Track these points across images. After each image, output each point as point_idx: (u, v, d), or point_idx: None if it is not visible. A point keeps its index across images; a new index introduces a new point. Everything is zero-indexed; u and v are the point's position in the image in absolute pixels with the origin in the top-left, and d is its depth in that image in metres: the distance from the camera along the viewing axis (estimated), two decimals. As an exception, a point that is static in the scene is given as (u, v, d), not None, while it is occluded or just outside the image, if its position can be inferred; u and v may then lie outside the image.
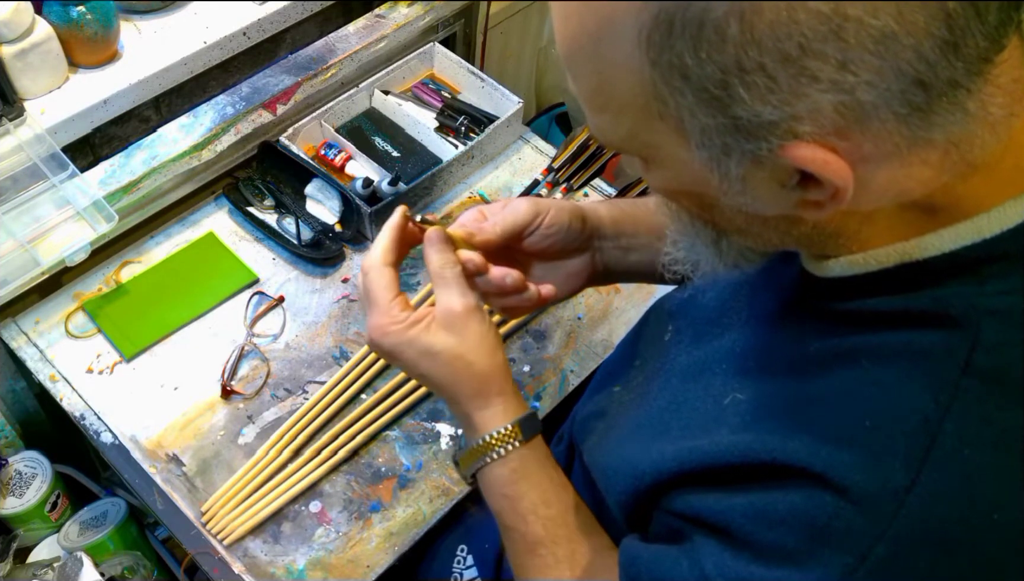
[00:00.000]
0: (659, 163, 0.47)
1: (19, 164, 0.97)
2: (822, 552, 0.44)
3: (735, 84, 0.39)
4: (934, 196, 0.44)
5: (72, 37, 1.01)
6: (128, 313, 1.02)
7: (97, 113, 1.03)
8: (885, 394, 0.45)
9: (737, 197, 0.45)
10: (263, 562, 0.87)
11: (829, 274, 0.50)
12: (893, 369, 0.45)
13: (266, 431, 0.94)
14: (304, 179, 1.13)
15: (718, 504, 0.50)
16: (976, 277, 0.44)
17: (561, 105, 1.77)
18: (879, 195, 0.43)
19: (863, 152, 0.40)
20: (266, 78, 1.14)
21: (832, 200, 0.42)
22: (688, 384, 0.60)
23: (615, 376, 0.76)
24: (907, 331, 0.45)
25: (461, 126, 1.21)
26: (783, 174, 0.42)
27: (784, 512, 0.46)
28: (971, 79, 0.39)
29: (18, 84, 0.99)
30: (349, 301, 1.06)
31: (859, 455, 0.44)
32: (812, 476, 0.45)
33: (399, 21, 1.22)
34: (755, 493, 0.48)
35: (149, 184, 1.03)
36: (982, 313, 0.43)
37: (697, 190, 0.47)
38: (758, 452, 0.48)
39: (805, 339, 0.51)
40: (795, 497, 0.46)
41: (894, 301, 0.46)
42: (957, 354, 0.43)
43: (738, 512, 0.49)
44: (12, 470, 1.02)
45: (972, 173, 0.43)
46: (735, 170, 0.43)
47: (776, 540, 0.46)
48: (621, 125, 0.45)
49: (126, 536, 1.04)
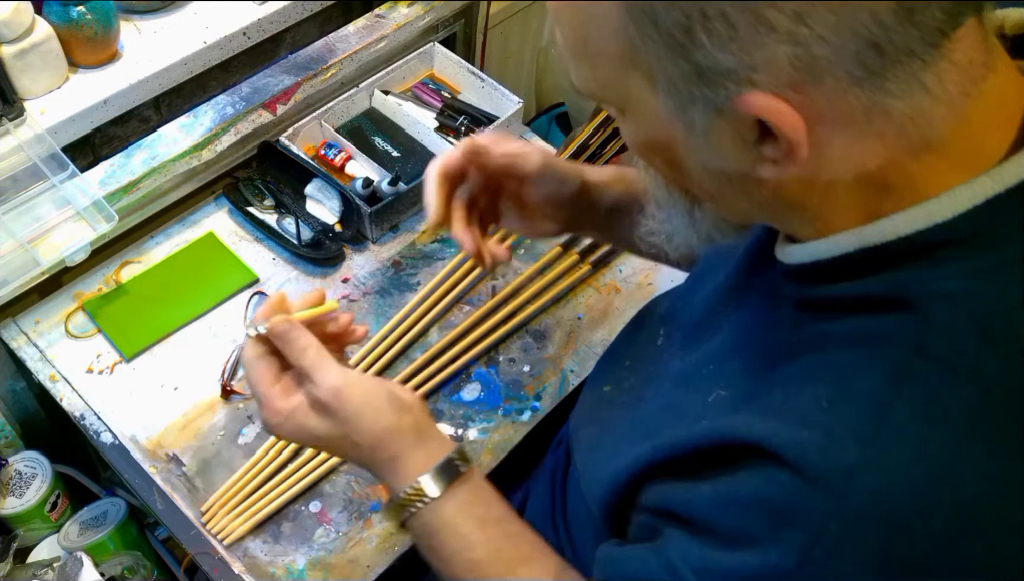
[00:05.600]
0: (632, 113, 0.49)
1: (19, 164, 0.97)
2: (781, 533, 0.45)
3: (698, 30, 0.41)
4: (889, 173, 0.45)
5: (72, 37, 1.01)
6: (128, 313, 1.02)
7: (97, 113, 1.03)
8: (843, 376, 0.46)
9: (702, 152, 0.47)
10: (263, 562, 0.87)
11: (796, 260, 0.51)
12: (852, 353, 0.46)
13: (266, 431, 0.94)
14: (304, 179, 1.13)
15: (686, 494, 0.52)
16: (930, 261, 0.45)
17: (561, 105, 1.77)
18: (836, 165, 0.45)
19: (818, 110, 0.42)
20: (266, 78, 1.14)
21: (787, 158, 0.43)
22: (680, 389, 0.61)
23: (605, 375, 0.76)
24: (866, 316, 0.47)
25: (461, 126, 1.21)
26: (743, 128, 0.44)
27: (746, 497, 0.47)
28: (927, 51, 0.41)
29: (18, 84, 0.99)
30: (349, 301, 1.06)
31: (815, 434, 0.45)
32: (770, 455, 0.46)
33: (399, 21, 1.22)
34: (719, 479, 0.49)
35: (149, 184, 1.03)
36: (935, 296, 0.44)
37: (667, 144, 0.49)
38: (722, 434, 0.49)
39: (779, 330, 0.53)
40: (756, 480, 0.47)
41: (855, 286, 0.48)
42: (910, 337, 0.44)
43: (704, 500, 0.50)
44: (12, 470, 1.01)
45: (926, 151, 0.44)
46: (699, 122, 0.45)
47: (739, 525, 0.47)
48: (598, 73, 0.48)
49: (126, 536, 1.04)
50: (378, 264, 1.10)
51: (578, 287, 1.10)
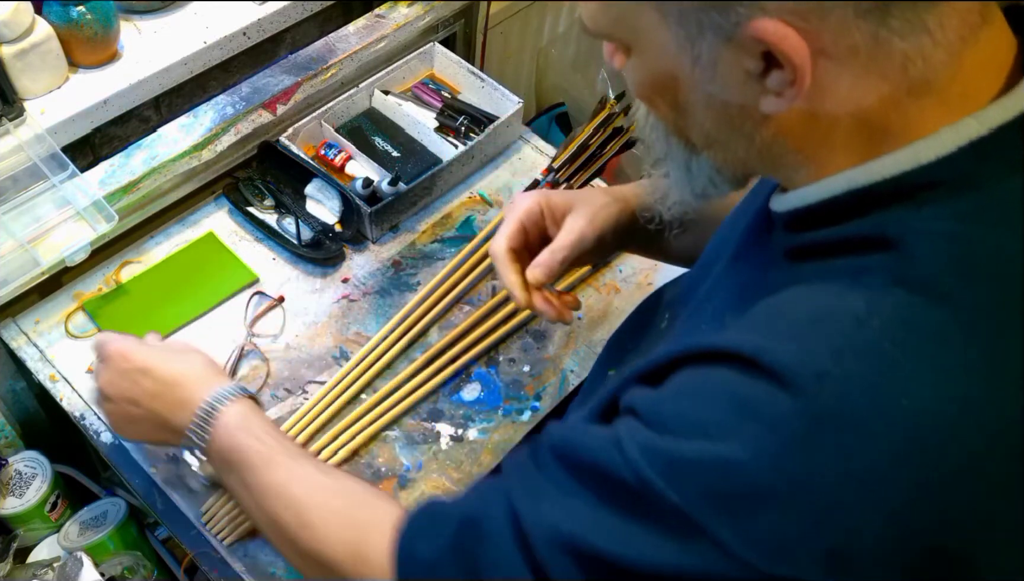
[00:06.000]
0: (641, 49, 0.51)
1: (19, 164, 0.97)
2: (741, 426, 0.45)
3: None
4: (887, 114, 0.46)
5: (72, 37, 1.01)
6: (128, 313, 1.02)
7: (97, 113, 1.03)
8: (823, 299, 0.47)
9: (707, 85, 0.49)
10: (263, 562, 0.87)
11: (787, 207, 0.53)
12: (835, 283, 0.47)
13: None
14: (304, 179, 1.13)
15: (652, 394, 0.52)
16: (914, 202, 0.46)
17: (561, 105, 1.77)
18: (836, 101, 0.46)
19: (822, 42, 0.44)
20: (266, 78, 1.14)
21: (791, 88, 0.45)
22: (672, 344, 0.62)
23: (610, 360, 0.77)
24: (851, 256, 0.48)
25: (461, 126, 1.21)
26: (749, 58, 0.45)
27: (711, 388, 0.48)
28: None
29: (18, 84, 0.99)
30: (349, 301, 1.06)
31: (792, 345, 0.46)
32: (744, 359, 0.47)
33: (399, 21, 1.22)
34: (689, 372, 0.50)
35: (149, 184, 1.03)
36: (916, 235, 0.46)
37: (672, 82, 0.50)
38: (700, 343, 0.50)
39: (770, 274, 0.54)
40: (725, 376, 0.47)
41: (840, 229, 0.49)
42: (889, 269, 0.46)
43: (668, 396, 0.51)
44: (12, 470, 1.01)
45: (924, 93, 0.46)
46: (707, 52, 0.47)
47: (699, 417, 0.48)
48: (611, 10, 0.50)
49: (126, 536, 1.04)
50: (378, 264, 1.10)
51: (578, 287, 1.10)
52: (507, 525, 0.53)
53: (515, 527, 0.53)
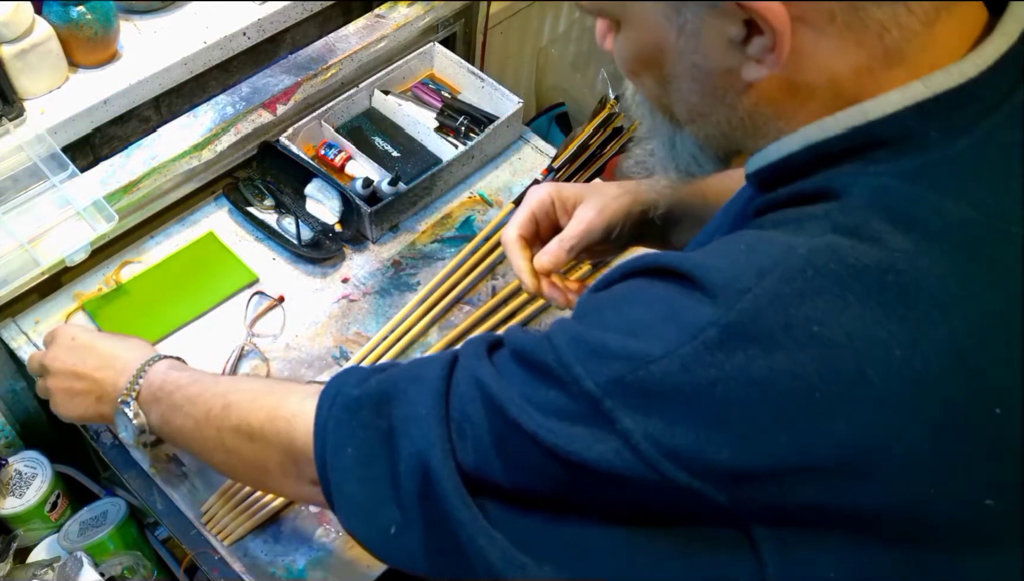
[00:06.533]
0: (628, 23, 0.52)
1: (19, 164, 0.97)
2: (663, 328, 0.47)
3: None
4: (862, 83, 0.48)
5: (72, 37, 1.01)
6: (128, 313, 1.02)
7: (97, 113, 1.03)
8: (767, 236, 0.49)
9: (692, 55, 0.50)
10: (263, 562, 0.87)
11: (754, 167, 0.54)
12: (782, 229, 0.49)
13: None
14: (304, 179, 1.13)
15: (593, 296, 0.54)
16: (861, 160, 0.48)
17: (561, 105, 1.77)
18: (816, 75, 0.48)
19: (802, 8, 0.45)
20: (266, 78, 1.14)
21: (771, 53, 0.46)
22: None
23: None
24: (800, 207, 0.50)
25: (461, 126, 1.21)
26: (731, 25, 0.47)
27: (646, 295, 0.51)
28: None
29: (18, 84, 0.99)
30: (349, 301, 1.06)
31: (727, 266, 0.48)
32: (682, 274, 0.49)
33: (399, 21, 1.22)
34: (630, 282, 0.52)
35: (149, 184, 1.03)
36: (858, 187, 0.48)
37: (658, 55, 0.52)
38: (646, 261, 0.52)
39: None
40: (662, 285, 0.50)
41: (793, 186, 0.51)
42: (827, 216, 0.48)
43: (606, 298, 0.53)
44: (12, 470, 1.01)
45: (898, 63, 0.47)
46: (691, 21, 0.48)
47: (629, 315, 0.50)
48: None
49: (126, 536, 1.04)
50: (378, 264, 1.10)
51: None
52: (441, 374, 0.57)
53: (446, 377, 0.56)
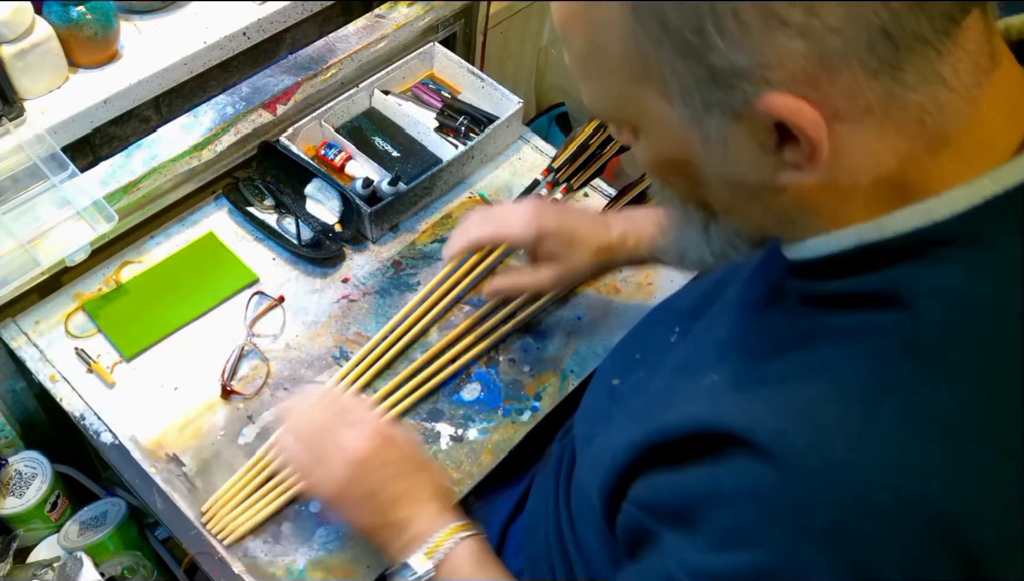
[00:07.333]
0: (647, 129, 0.49)
1: (19, 164, 0.97)
2: (769, 528, 0.45)
3: (709, 30, 0.41)
4: (907, 170, 0.45)
5: (72, 37, 1.01)
6: (128, 313, 1.02)
7: (97, 113, 1.03)
8: (832, 372, 0.46)
9: (720, 164, 0.47)
10: (263, 562, 0.87)
11: (797, 256, 0.52)
12: (842, 348, 0.47)
13: (266, 431, 0.94)
14: (304, 179, 1.13)
15: (676, 487, 0.52)
16: (927, 259, 0.45)
17: (561, 105, 1.77)
18: (856, 166, 0.45)
19: (836, 106, 0.42)
20: (266, 78, 1.14)
21: (810, 161, 0.43)
22: (679, 376, 0.61)
23: (614, 367, 0.77)
24: (859, 312, 0.47)
25: (461, 126, 1.21)
26: (761, 133, 0.44)
27: (733, 491, 0.48)
28: (939, 38, 0.41)
29: (18, 84, 0.99)
30: (349, 301, 1.06)
31: (802, 429, 0.45)
32: (758, 448, 0.46)
33: (399, 21, 1.22)
34: (707, 468, 0.50)
35: (149, 184, 1.03)
36: (928, 294, 0.45)
37: (684, 159, 0.49)
38: (713, 422, 0.50)
39: (776, 322, 0.53)
40: (743, 475, 0.47)
41: (851, 282, 0.48)
42: (899, 332, 0.45)
43: (693, 493, 0.50)
44: (12, 470, 1.01)
45: (943, 146, 0.44)
46: (716, 130, 0.45)
47: (729, 521, 0.48)
48: (610, 90, 0.48)
49: (126, 536, 1.04)
50: (378, 264, 1.10)
51: (578, 287, 1.10)
52: None
53: None
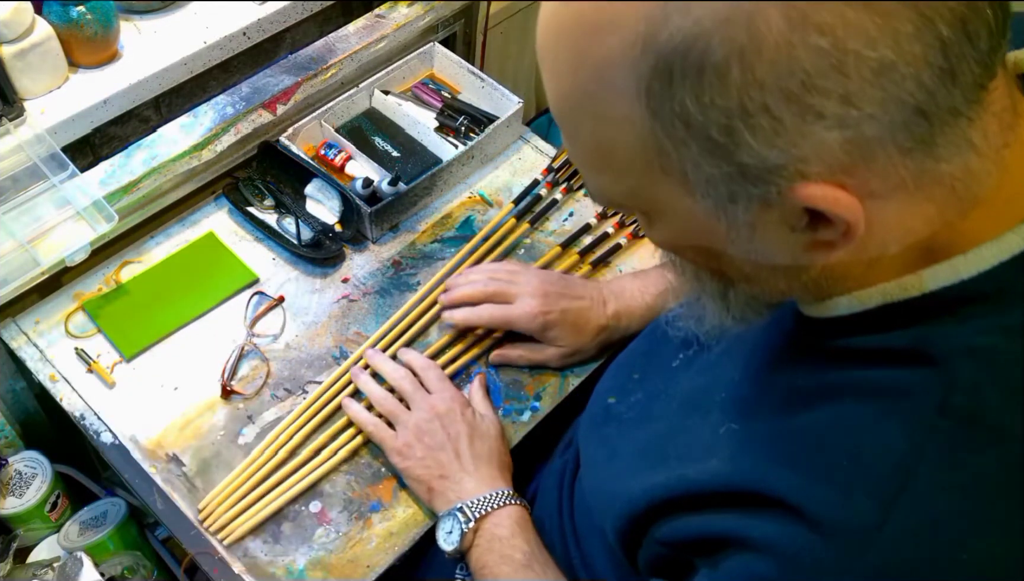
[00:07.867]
0: (663, 217, 0.46)
1: (19, 164, 0.97)
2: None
3: (740, 129, 0.38)
4: (937, 234, 0.44)
5: (72, 37, 1.01)
6: (128, 313, 1.02)
7: (97, 113, 1.03)
8: (863, 432, 0.45)
9: (745, 245, 0.44)
10: (263, 562, 0.87)
11: (820, 315, 0.50)
12: (872, 407, 0.45)
13: (266, 431, 0.94)
14: (304, 179, 1.13)
15: (701, 525, 0.51)
16: (955, 317, 0.44)
17: (561, 105, 1.77)
18: (888, 236, 0.43)
19: (870, 188, 0.40)
20: (266, 78, 1.14)
21: (844, 238, 0.41)
22: (688, 412, 0.60)
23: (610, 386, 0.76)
24: (888, 368, 0.45)
25: (461, 126, 1.21)
26: (792, 216, 0.42)
27: (760, 539, 0.46)
28: (970, 107, 0.39)
29: (18, 84, 0.99)
30: (349, 301, 1.06)
31: (835, 491, 0.44)
32: (789, 508, 0.45)
33: (399, 21, 1.22)
34: (735, 517, 0.49)
35: (149, 184, 1.03)
36: (960, 352, 0.43)
37: (704, 242, 0.46)
38: (741, 481, 0.49)
39: (798, 375, 0.51)
40: (771, 527, 0.46)
41: (879, 339, 0.46)
42: (933, 394, 0.43)
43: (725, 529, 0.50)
44: (12, 470, 1.01)
45: (973, 207, 0.43)
46: (743, 217, 0.42)
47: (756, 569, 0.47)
48: (622, 183, 0.45)
49: (126, 536, 1.04)
50: (378, 264, 1.10)
51: None
52: None
53: None
